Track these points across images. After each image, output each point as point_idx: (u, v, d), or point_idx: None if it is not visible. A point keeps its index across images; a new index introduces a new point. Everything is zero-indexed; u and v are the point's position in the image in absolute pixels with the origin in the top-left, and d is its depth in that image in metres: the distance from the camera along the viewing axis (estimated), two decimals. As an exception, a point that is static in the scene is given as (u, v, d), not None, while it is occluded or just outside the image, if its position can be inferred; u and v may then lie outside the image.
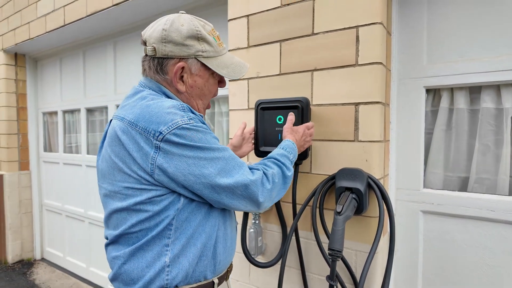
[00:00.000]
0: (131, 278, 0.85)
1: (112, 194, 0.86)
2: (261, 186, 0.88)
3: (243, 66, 1.00)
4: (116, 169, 0.84)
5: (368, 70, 1.22)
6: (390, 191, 1.40)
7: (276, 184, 0.94)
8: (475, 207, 1.24)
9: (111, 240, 0.89)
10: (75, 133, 3.34)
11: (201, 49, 0.89)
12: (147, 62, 0.92)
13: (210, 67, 0.91)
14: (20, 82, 3.57)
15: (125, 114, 0.84)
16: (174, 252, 0.83)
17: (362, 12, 1.22)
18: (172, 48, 0.87)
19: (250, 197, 0.87)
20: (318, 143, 1.34)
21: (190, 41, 0.88)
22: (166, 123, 0.78)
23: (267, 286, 1.51)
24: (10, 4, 3.27)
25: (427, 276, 1.36)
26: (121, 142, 0.82)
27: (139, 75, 2.94)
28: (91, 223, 3.11)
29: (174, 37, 0.86)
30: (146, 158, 0.78)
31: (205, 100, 0.98)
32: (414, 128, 1.36)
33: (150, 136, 0.78)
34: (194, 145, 0.80)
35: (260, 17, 1.49)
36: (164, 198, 0.82)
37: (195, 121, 0.82)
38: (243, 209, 0.91)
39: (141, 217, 0.83)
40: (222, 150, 0.85)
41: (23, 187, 3.61)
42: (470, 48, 1.25)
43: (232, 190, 0.84)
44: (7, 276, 3.25)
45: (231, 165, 0.85)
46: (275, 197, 0.96)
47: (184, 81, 0.91)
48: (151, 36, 0.88)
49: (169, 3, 2.17)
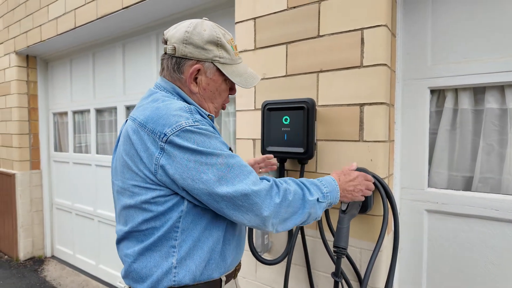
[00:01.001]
0: (140, 276, 0.88)
1: (122, 191, 0.90)
2: (266, 198, 0.83)
3: (255, 77, 1.02)
4: (126, 167, 0.87)
5: (373, 72, 1.24)
6: (394, 190, 1.42)
7: (289, 202, 0.86)
8: (479, 206, 1.25)
9: (121, 237, 0.93)
10: (84, 133, 3.41)
11: (219, 55, 0.92)
12: (165, 60, 0.95)
13: (225, 73, 0.94)
14: (31, 83, 3.65)
15: (137, 115, 0.88)
16: (181, 254, 0.85)
17: (367, 15, 1.25)
18: (191, 49, 0.90)
19: (253, 209, 0.81)
20: (323, 143, 1.37)
21: (210, 46, 0.91)
22: (171, 125, 0.80)
23: (273, 283, 1.54)
24: (22, 7, 3.35)
25: (431, 274, 1.38)
26: (131, 142, 0.85)
27: (147, 76, 3.00)
28: (100, 221, 3.18)
29: (195, 40, 0.90)
30: (151, 158, 0.81)
31: (216, 103, 1.00)
32: (418, 128, 1.38)
33: (156, 137, 0.81)
34: (196, 149, 0.79)
35: (267, 19, 1.52)
36: (168, 199, 0.84)
37: (201, 123, 0.83)
38: (247, 224, 0.84)
39: (146, 216, 0.85)
40: (226, 156, 0.82)
41: (34, 186, 3.69)
42: (474, 49, 1.26)
43: (231, 200, 0.80)
44: (19, 273, 3.33)
45: (234, 172, 0.82)
46: (286, 218, 0.87)
47: (198, 82, 0.94)
48: (173, 36, 0.91)
49: (177, 6, 2.21)
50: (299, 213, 0.89)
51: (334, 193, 0.98)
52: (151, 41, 2.62)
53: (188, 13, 2.29)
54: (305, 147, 1.31)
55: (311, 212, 0.91)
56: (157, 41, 2.58)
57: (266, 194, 0.83)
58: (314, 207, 0.91)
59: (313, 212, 0.92)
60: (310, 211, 0.90)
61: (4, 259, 3.69)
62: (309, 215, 0.91)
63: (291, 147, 1.34)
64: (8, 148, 3.71)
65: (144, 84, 2.71)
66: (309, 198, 0.90)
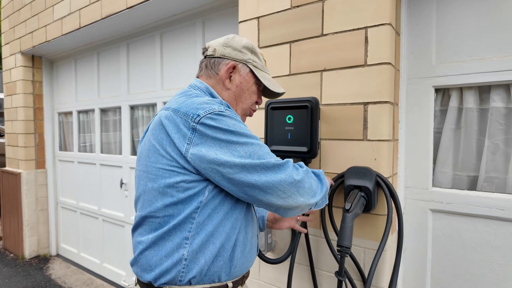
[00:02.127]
0: (149, 264, 0.90)
1: (144, 175, 0.92)
2: (294, 167, 0.90)
3: (280, 87, 1.12)
4: (152, 151, 0.90)
5: (377, 70, 1.24)
6: (399, 189, 1.41)
7: (312, 175, 0.96)
8: (484, 206, 1.24)
9: (137, 222, 0.95)
10: (89, 132, 3.43)
11: (253, 59, 1.05)
12: (205, 62, 1.06)
13: (256, 74, 1.05)
14: (36, 83, 3.68)
15: (171, 105, 0.93)
16: (193, 247, 0.87)
17: (371, 13, 1.24)
18: (230, 51, 1.03)
19: (284, 171, 0.85)
20: (327, 142, 1.37)
21: (246, 50, 1.04)
22: (204, 108, 0.86)
23: (277, 282, 1.54)
24: (28, 7, 3.38)
25: (436, 274, 1.37)
26: (162, 126, 0.89)
27: (151, 76, 3.01)
28: (104, 220, 3.20)
29: (234, 44, 1.04)
30: (183, 138, 0.85)
31: (244, 105, 1.07)
32: (423, 127, 1.37)
33: (189, 119, 0.85)
34: (227, 129, 0.84)
35: (270, 19, 1.52)
36: (191, 186, 0.86)
37: (231, 111, 0.90)
38: (275, 192, 0.85)
39: (166, 202, 0.87)
40: (253, 137, 0.89)
41: (39, 185, 3.72)
42: (479, 47, 1.26)
43: (264, 167, 0.84)
44: (24, 271, 3.36)
45: (263, 151, 0.87)
46: (313, 185, 0.94)
47: (232, 79, 1.03)
48: (215, 42, 1.06)
49: (181, 5, 2.22)
50: (319, 185, 0.98)
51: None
52: (155, 41, 2.63)
53: (190, 13, 2.30)
54: (309, 146, 1.31)
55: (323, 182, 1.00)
56: (161, 41, 2.59)
57: (293, 165, 0.90)
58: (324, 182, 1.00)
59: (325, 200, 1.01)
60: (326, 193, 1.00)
61: (10, 258, 3.73)
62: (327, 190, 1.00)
63: (294, 146, 1.34)
64: (14, 148, 3.75)
65: (148, 83, 2.72)
66: (326, 185, 1.01)
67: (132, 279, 2.91)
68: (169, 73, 2.56)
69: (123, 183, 2.93)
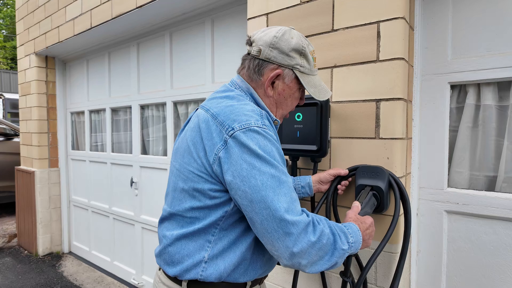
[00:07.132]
0: (172, 260, 0.91)
1: (177, 173, 0.93)
2: (302, 232, 0.77)
3: (327, 91, 1.03)
4: (187, 151, 0.90)
5: (389, 66, 1.20)
6: (412, 190, 1.37)
7: (322, 245, 0.80)
8: (503, 208, 1.18)
9: (164, 216, 0.97)
10: (100, 132, 3.47)
11: (300, 64, 0.95)
12: (248, 60, 0.98)
13: (302, 82, 0.96)
14: (50, 83, 3.75)
15: (211, 107, 0.91)
16: (214, 252, 0.87)
17: (383, 7, 1.20)
18: (276, 54, 0.93)
19: (284, 239, 0.76)
20: (337, 141, 1.33)
21: (294, 54, 0.94)
22: (241, 121, 0.83)
23: (284, 283, 1.51)
24: (42, 9, 3.45)
25: (451, 278, 1.31)
26: (199, 129, 0.88)
27: (160, 75, 3.02)
28: (115, 218, 3.22)
29: (282, 45, 0.93)
30: (213, 147, 0.83)
31: (284, 110, 1.02)
32: (438, 125, 1.32)
33: (224, 129, 0.83)
34: (255, 150, 0.79)
35: (280, 15, 1.50)
36: (218, 195, 0.85)
37: (268, 129, 0.85)
38: (270, 249, 0.80)
39: (194, 204, 0.88)
40: (280, 171, 0.81)
41: (52, 183, 3.78)
42: (498, 41, 1.20)
43: (267, 217, 0.77)
44: (37, 268, 3.42)
45: (282, 190, 0.79)
46: (314, 261, 0.80)
47: (275, 87, 0.97)
48: (261, 39, 0.94)
49: (190, 4, 2.21)
50: (325, 259, 0.81)
51: (357, 244, 0.89)
52: (165, 40, 2.64)
53: (199, 11, 2.29)
54: (319, 144, 1.27)
55: (338, 262, 0.83)
56: (171, 40, 2.60)
57: (303, 228, 0.77)
58: (342, 257, 0.84)
59: (339, 262, 0.84)
60: (338, 261, 0.83)
61: (24, 255, 3.80)
62: (335, 263, 0.83)
63: (303, 145, 1.31)
64: (28, 147, 3.83)
65: (157, 83, 2.73)
66: (341, 247, 0.83)
67: (142, 277, 2.92)
68: (179, 72, 2.56)
69: (133, 182, 2.94)
